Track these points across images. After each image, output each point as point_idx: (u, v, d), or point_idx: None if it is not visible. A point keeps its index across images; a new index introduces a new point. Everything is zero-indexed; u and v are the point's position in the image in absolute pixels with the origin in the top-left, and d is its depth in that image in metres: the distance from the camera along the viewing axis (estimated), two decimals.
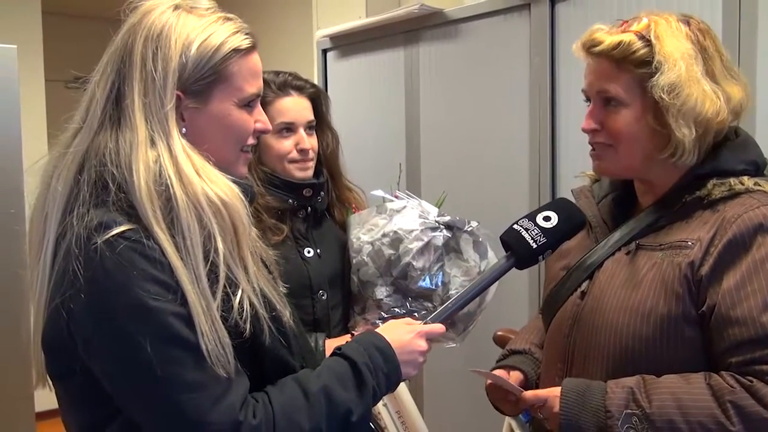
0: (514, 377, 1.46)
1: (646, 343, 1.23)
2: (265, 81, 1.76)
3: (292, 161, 1.78)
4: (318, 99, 1.86)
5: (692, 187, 1.28)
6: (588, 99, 1.35)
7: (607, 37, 1.28)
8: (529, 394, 1.33)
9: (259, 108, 1.20)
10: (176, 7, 1.12)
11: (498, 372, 1.47)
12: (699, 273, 1.21)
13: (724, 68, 1.28)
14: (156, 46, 1.08)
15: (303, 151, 1.78)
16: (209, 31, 1.11)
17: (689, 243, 1.23)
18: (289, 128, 1.78)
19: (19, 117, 2.86)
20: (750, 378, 1.16)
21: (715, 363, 1.22)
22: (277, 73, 1.82)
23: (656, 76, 1.23)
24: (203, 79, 1.10)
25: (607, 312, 1.28)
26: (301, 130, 1.79)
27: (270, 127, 1.23)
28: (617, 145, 1.30)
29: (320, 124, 1.88)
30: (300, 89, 1.81)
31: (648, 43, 1.25)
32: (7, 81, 2.84)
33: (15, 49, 2.86)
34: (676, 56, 1.23)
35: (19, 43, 2.94)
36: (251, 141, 1.19)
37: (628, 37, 1.26)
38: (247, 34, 1.15)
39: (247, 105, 1.16)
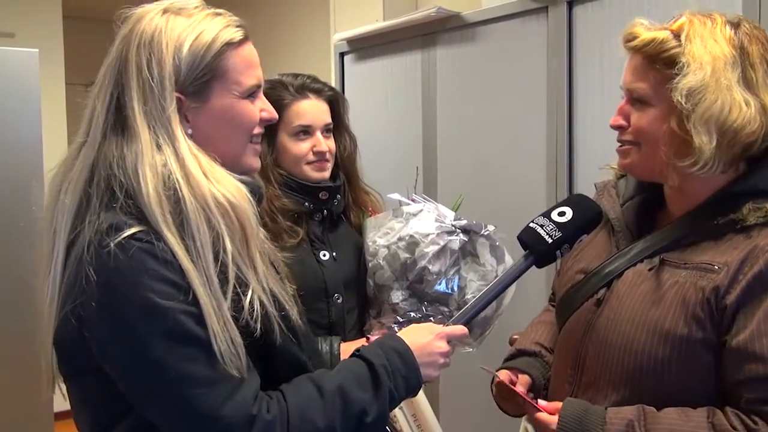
0: (523, 380, 1.44)
1: (660, 364, 1.20)
2: (282, 83, 1.77)
3: (309, 162, 1.78)
4: (336, 102, 1.86)
5: (726, 207, 1.22)
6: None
7: (643, 32, 1.24)
8: (540, 415, 1.30)
9: (262, 97, 1.20)
10: (165, 11, 1.12)
11: (504, 373, 1.45)
12: (724, 301, 1.17)
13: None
14: (149, 52, 1.08)
15: (319, 153, 1.78)
16: (199, 30, 1.11)
17: (716, 267, 1.18)
18: (306, 131, 1.78)
19: (39, 120, 2.90)
20: (755, 419, 1.13)
21: (727, 393, 1.19)
22: (296, 76, 1.82)
23: (678, 78, 1.18)
24: (200, 78, 1.11)
25: (623, 326, 1.25)
26: (318, 133, 1.79)
27: (276, 115, 1.23)
28: (641, 144, 1.27)
29: (338, 127, 1.88)
30: (318, 92, 1.81)
31: (680, 42, 1.20)
32: (29, 84, 2.88)
33: (36, 52, 2.90)
34: (704, 59, 1.17)
35: (40, 47, 2.99)
36: (258, 130, 1.19)
37: (662, 35, 1.21)
38: (238, 26, 1.15)
39: (250, 96, 1.16)
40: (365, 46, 3.09)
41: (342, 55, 3.21)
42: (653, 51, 1.22)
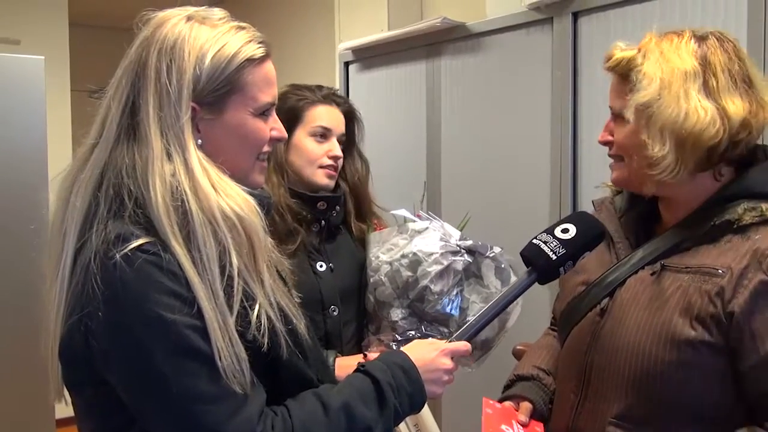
0: (524, 408, 1.43)
1: (666, 368, 1.21)
2: (308, 87, 1.83)
3: (322, 166, 1.80)
4: (352, 118, 1.90)
5: (721, 209, 1.25)
6: None
7: (617, 53, 1.31)
8: None
9: (274, 116, 1.19)
10: (189, 18, 1.11)
11: (507, 404, 1.45)
12: (731, 306, 1.17)
13: (732, 84, 1.25)
14: (170, 58, 1.07)
15: (334, 158, 1.80)
16: (222, 42, 1.10)
17: (719, 271, 1.19)
18: (324, 134, 1.81)
19: (45, 125, 2.91)
20: None
21: (756, 405, 1.19)
22: (321, 87, 1.88)
23: (631, 94, 1.25)
24: (217, 90, 1.10)
25: (628, 332, 1.26)
26: (334, 139, 1.82)
27: (285, 135, 1.22)
28: (624, 157, 1.33)
29: (350, 147, 1.90)
30: (338, 104, 1.86)
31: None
32: (35, 91, 2.89)
33: (42, 59, 2.91)
34: (656, 74, 1.24)
35: (46, 54, 3.00)
36: (267, 149, 1.19)
37: (630, 54, 1.29)
38: (260, 42, 1.14)
39: (263, 113, 1.16)
40: (370, 56, 3.09)
41: (347, 64, 3.22)
42: (623, 70, 1.30)
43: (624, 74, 1.29)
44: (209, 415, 0.99)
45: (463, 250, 1.70)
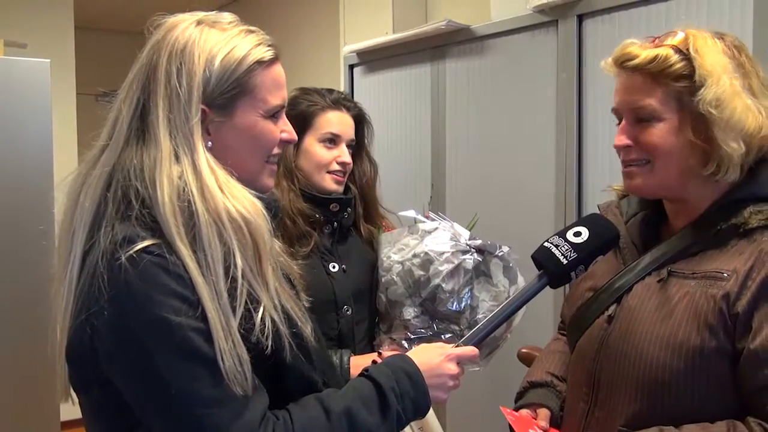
0: (543, 415, 1.42)
1: (676, 376, 1.20)
2: (318, 92, 1.84)
3: (330, 172, 1.82)
4: (362, 122, 1.91)
5: (728, 213, 1.23)
6: (619, 117, 1.32)
7: (642, 51, 1.25)
8: None
9: (284, 118, 1.20)
10: (199, 23, 1.12)
11: (524, 412, 1.44)
12: (735, 308, 1.16)
13: (762, 85, 1.24)
14: (180, 61, 1.08)
15: (342, 164, 1.82)
16: (232, 44, 1.11)
17: (725, 274, 1.19)
18: (333, 140, 1.82)
19: (50, 129, 2.93)
20: None
21: (747, 402, 1.17)
22: (331, 91, 1.89)
23: (702, 90, 1.19)
24: (227, 92, 1.11)
25: (635, 340, 1.25)
26: (344, 145, 1.83)
27: (295, 136, 1.23)
28: (654, 159, 1.26)
29: (360, 150, 1.92)
30: (348, 108, 1.88)
31: (685, 57, 1.22)
32: (40, 94, 2.91)
33: (48, 63, 2.93)
34: (719, 70, 1.20)
35: (52, 57, 3.01)
36: (276, 151, 1.19)
37: (664, 51, 1.23)
38: (269, 45, 1.15)
39: (273, 116, 1.16)
40: (375, 59, 3.10)
41: (351, 67, 3.23)
42: (658, 67, 1.23)
43: (657, 72, 1.23)
44: (212, 418, 0.99)
45: (472, 249, 1.71)
